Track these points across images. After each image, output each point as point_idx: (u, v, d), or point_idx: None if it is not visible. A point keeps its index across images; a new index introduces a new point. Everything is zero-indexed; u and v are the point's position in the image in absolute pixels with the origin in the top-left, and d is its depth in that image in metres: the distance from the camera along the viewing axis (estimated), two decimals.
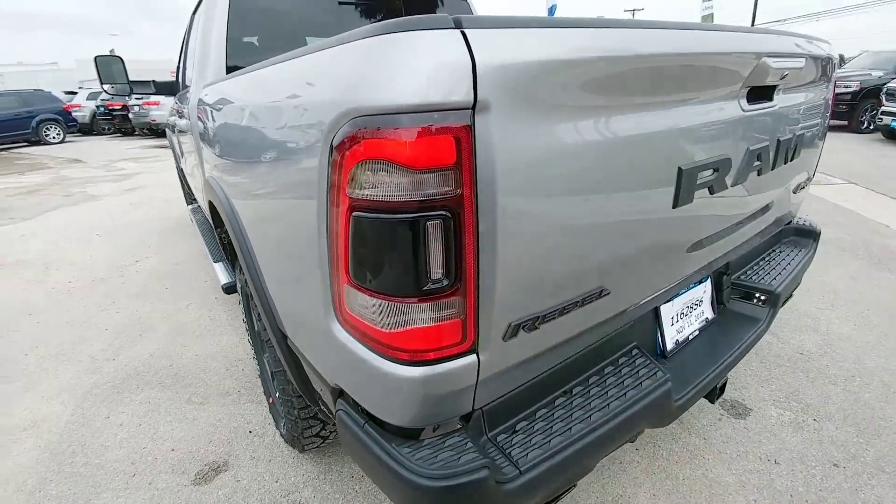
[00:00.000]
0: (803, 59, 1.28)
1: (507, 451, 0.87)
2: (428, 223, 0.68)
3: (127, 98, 13.09)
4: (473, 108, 0.66)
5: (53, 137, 13.94)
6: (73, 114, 15.14)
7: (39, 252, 4.34)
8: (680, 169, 0.97)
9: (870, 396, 2.00)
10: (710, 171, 1.06)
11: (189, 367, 2.43)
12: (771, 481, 1.61)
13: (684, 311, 1.36)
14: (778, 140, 1.29)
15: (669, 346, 1.29)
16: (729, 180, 1.14)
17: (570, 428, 0.92)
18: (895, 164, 6.74)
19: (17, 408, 2.18)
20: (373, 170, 0.69)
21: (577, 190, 0.82)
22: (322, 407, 1.28)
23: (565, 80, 0.75)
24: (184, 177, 4.06)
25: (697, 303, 1.41)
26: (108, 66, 3.13)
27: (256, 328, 1.79)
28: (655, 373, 1.08)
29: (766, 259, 1.66)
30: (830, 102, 1.64)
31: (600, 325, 1.04)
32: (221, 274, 2.32)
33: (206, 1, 2.27)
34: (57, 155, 11.54)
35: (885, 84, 8.88)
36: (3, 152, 12.63)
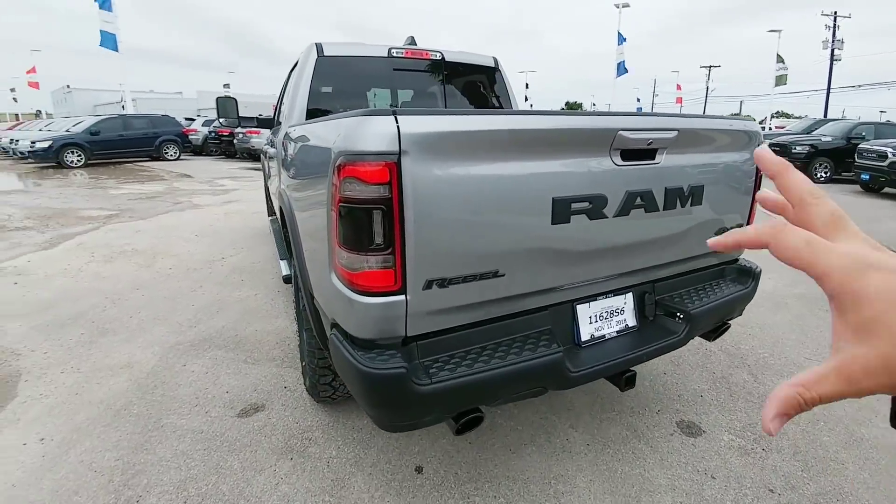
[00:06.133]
0: (673, 132, 1.56)
1: (428, 370, 1.31)
2: (374, 211, 1.19)
3: (235, 128, 15.08)
4: (399, 153, 1.16)
5: (171, 155, 16.33)
6: (190, 137, 17.70)
7: (150, 245, 5.34)
8: (553, 198, 1.39)
9: (829, 440, 2.13)
10: (586, 203, 1.45)
11: (249, 338, 3.04)
12: (701, 490, 1.85)
13: (603, 315, 1.70)
14: (665, 188, 1.62)
15: (584, 337, 1.65)
16: (609, 211, 1.51)
17: (474, 365, 1.35)
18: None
19: (118, 353, 2.88)
20: (350, 181, 1.20)
21: (466, 203, 1.26)
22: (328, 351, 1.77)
23: (449, 140, 1.22)
24: (268, 194, 4.91)
25: (618, 311, 1.74)
26: (225, 105, 3.99)
27: (301, 305, 2.35)
28: (552, 346, 1.46)
29: (702, 288, 1.94)
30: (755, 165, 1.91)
31: (509, 299, 1.45)
32: (284, 268, 3.02)
33: (300, 63, 3.08)
34: (172, 170, 13.54)
35: (835, 147, 11.94)
36: (130, 164, 15.01)
